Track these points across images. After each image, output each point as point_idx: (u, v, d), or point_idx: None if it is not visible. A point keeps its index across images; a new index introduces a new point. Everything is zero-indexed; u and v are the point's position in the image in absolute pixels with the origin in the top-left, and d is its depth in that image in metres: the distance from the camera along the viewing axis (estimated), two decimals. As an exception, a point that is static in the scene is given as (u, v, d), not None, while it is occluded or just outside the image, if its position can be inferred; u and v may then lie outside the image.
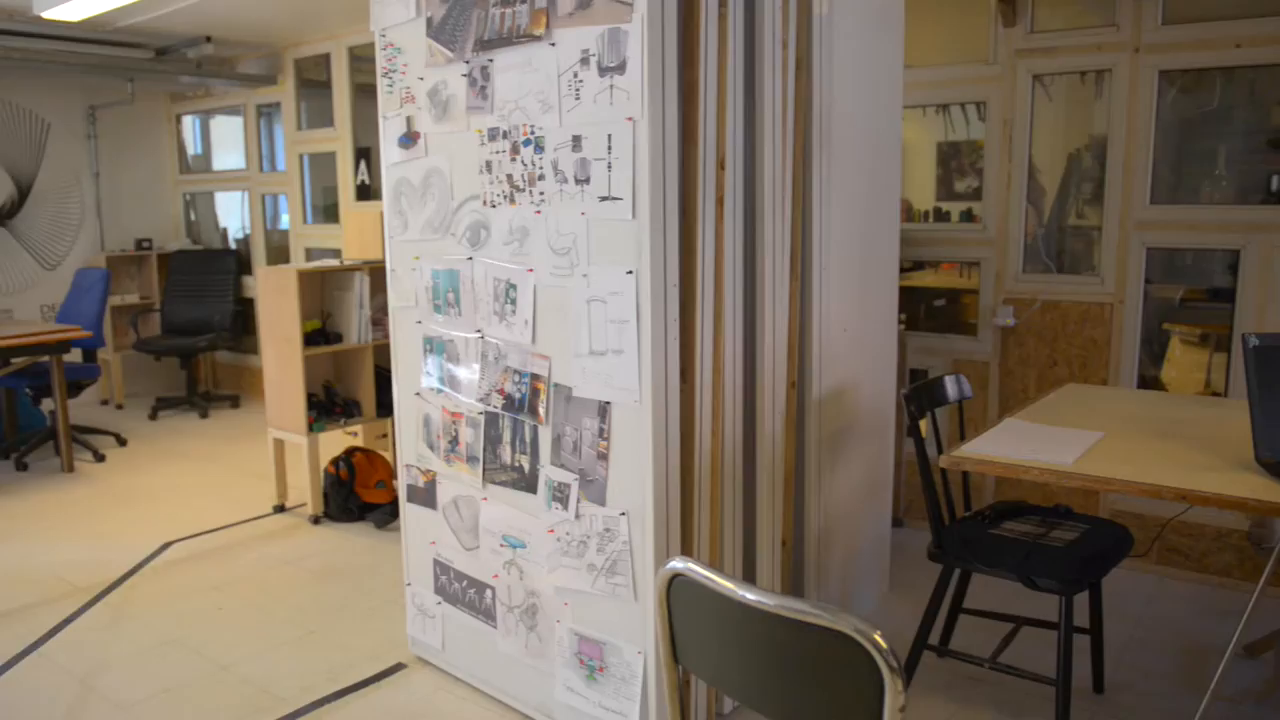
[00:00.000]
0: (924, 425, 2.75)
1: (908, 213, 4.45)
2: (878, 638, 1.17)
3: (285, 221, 6.73)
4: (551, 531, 2.47)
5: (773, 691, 1.29)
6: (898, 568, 3.57)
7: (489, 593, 2.70)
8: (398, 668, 2.97)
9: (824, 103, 2.74)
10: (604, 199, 2.21)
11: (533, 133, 2.36)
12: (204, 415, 6.57)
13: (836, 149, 2.81)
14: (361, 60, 5.92)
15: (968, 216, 4.05)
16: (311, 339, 4.33)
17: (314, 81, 6.34)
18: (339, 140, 6.02)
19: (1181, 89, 4.03)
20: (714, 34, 2.29)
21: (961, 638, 2.95)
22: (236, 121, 6.98)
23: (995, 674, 2.80)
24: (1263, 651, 2.97)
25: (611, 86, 2.18)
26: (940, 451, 2.48)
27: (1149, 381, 3.99)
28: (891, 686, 1.15)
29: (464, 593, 2.79)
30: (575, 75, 2.24)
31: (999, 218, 3.84)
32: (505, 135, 2.43)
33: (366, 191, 5.96)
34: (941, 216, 4.20)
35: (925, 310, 4.31)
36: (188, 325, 6.82)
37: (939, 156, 4.56)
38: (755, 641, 1.29)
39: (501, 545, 2.63)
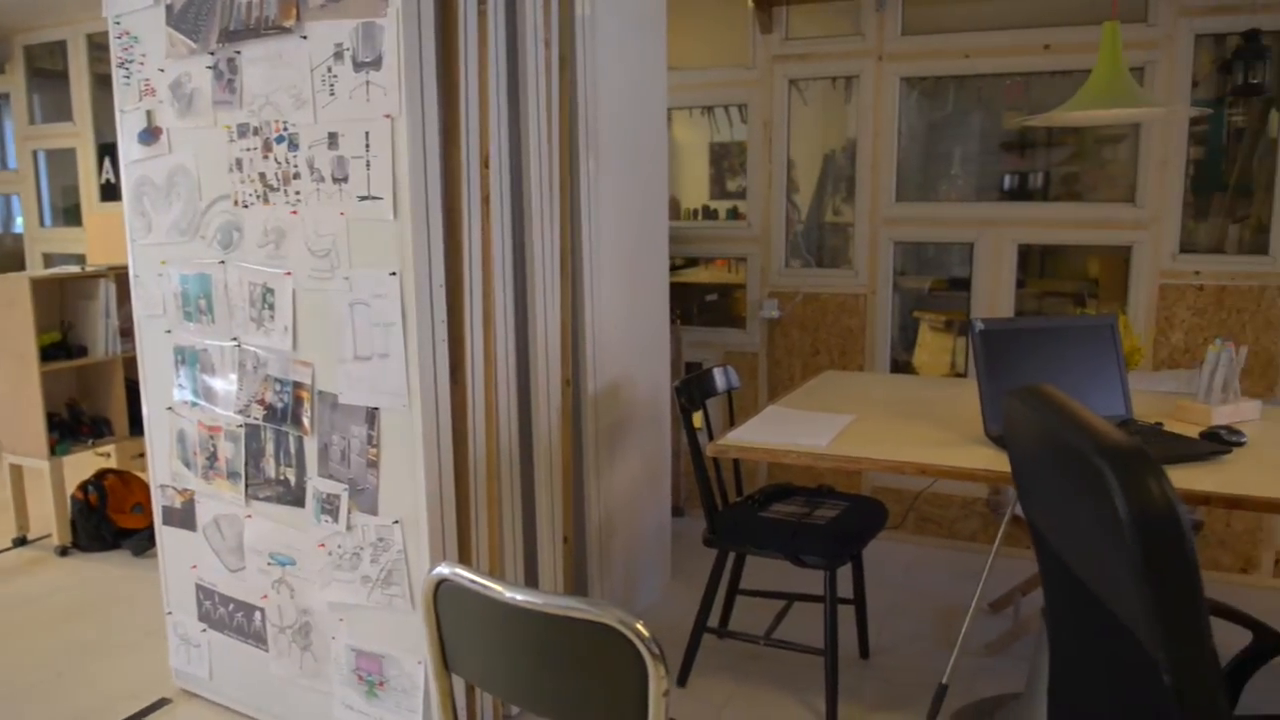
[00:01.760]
0: (698, 416, 2.84)
1: (679, 210, 4.58)
2: (639, 627, 1.19)
3: (20, 225, 6.12)
4: (322, 545, 2.37)
5: (542, 689, 1.29)
6: (680, 556, 3.67)
7: (258, 615, 2.56)
8: (161, 704, 2.77)
9: (589, 102, 2.77)
10: (364, 198, 2.14)
11: (286, 129, 2.25)
12: (-74, 443, 5.87)
13: (604, 148, 2.85)
14: (103, 49, 5.46)
15: (734, 214, 4.22)
16: (50, 353, 3.95)
17: (49, 71, 5.79)
18: (79, 136, 5.54)
19: (922, 93, 4.36)
20: (474, 31, 2.27)
21: (740, 618, 3.07)
22: (-45, 115, 6.28)
23: (771, 649, 2.93)
24: (1004, 607, 3.26)
25: (368, 82, 2.11)
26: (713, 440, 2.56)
27: (903, 366, 4.30)
28: (654, 673, 1.17)
29: (231, 617, 2.63)
30: (329, 70, 2.16)
31: (762, 215, 4.02)
32: (256, 132, 2.31)
33: (113, 191, 5.51)
34: (710, 214, 4.35)
35: (698, 305, 4.45)
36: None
37: (711, 156, 4.72)
38: (523, 641, 1.29)
39: (269, 564, 2.50)
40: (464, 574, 1.33)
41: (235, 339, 2.44)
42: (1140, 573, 1.03)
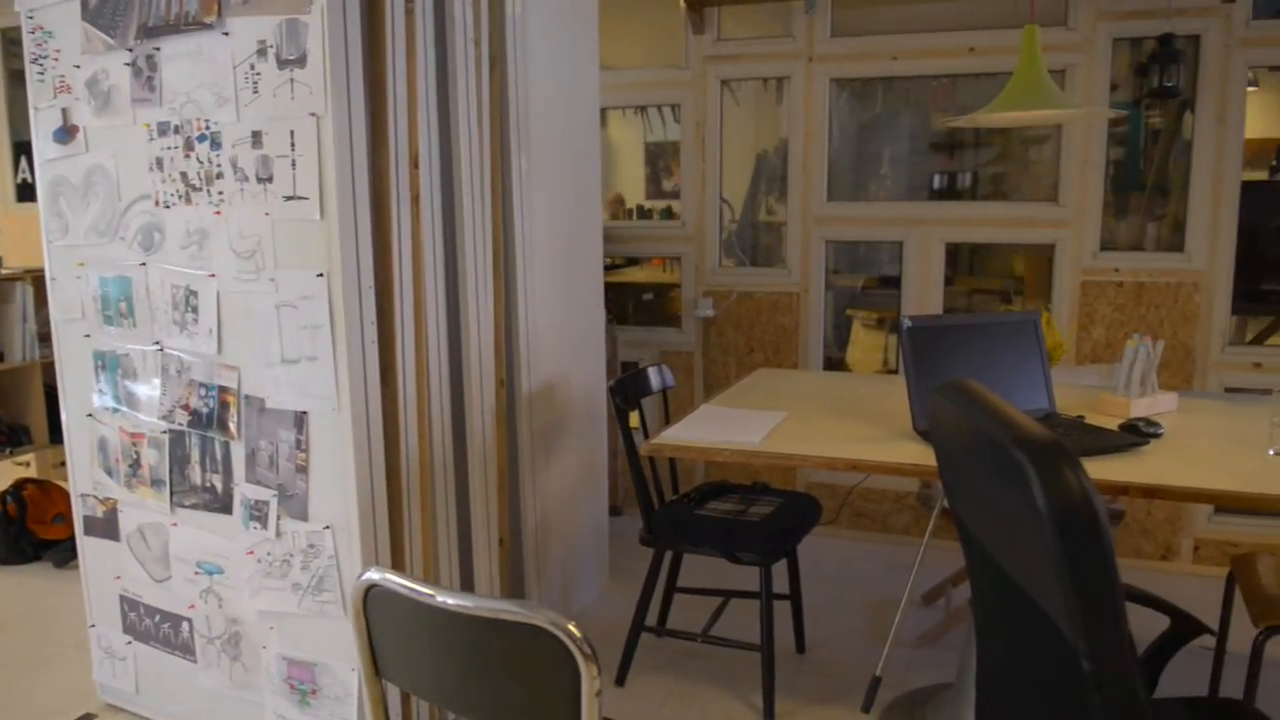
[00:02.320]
0: (634, 416, 2.84)
1: (621, 210, 4.58)
2: (571, 627, 1.19)
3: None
4: (251, 553, 2.32)
5: (475, 693, 1.28)
6: (618, 555, 3.67)
7: (185, 625, 2.50)
8: (85, 719, 2.69)
9: (521, 101, 2.75)
10: (289, 198, 2.10)
11: (208, 128, 2.20)
12: None
13: (536, 148, 2.84)
14: (17, 44, 5.27)
15: (669, 214, 4.24)
16: (-37, 360, 3.82)
17: (-42, 67, 5.59)
18: (-8, 134, 5.35)
19: (852, 94, 4.42)
20: (401, 29, 2.24)
21: (678, 616, 3.08)
22: None
23: (709, 647, 2.94)
24: (936, 599, 3.32)
25: (292, 80, 2.07)
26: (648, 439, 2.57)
27: (836, 363, 4.36)
28: (586, 673, 1.17)
29: (157, 628, 2.56)
30: (252, 67, 2.12)
31: (696, 215, 4.04)
32: (178, 130, 2.25)
33: (29, 191, 5.33)
34: (644, 214, 4.36)
35: (634, 305, 4.46)
36: None
37: (647, 156, 4.73)
38: (455, 645, 1.28)
39: (196, 573, 2.44)
40: (394, 579, 1.32)
41: (158, 343, 2.38)
42: (1058, 562, 1.05)
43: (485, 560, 2.70)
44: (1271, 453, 2.17)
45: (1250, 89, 3.51)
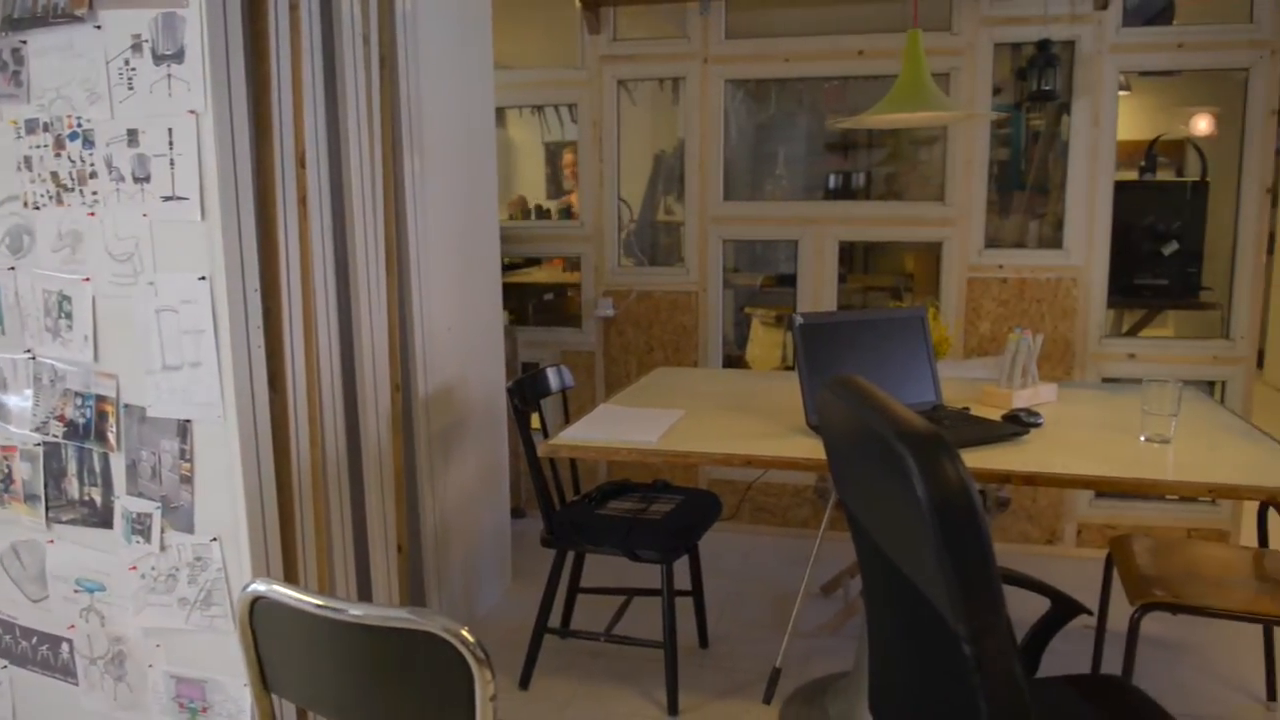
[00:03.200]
0: (535, 417, 2.83)
1: (523, 210, 4.56)
2: (464, 633, 1.17)
3: None
4: (134, 568, 2.23)
5: (369, 705, 1.26)
6: (521, 558, 3.64)
7: (65, 646, 2.39)
8: (-46, 749, 2.55)
9: (413, 100, 2.71)
10: (168, 199, 2.03)
11: (80, 125, 2.11)
12: None
13: (429, 147, 2.80)
14: None
15: (567, 214, 4.23)
16: None
17: None
18: None
19: (748, 95, 4.49)
20: (285, 25, 2.18)
21: (582, 616, 3.07)
22: None
23: (613, 645, 2.95)
24: (835, 589, 3.40)
25: (169, 76, 2.00)
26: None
27: (736, 361, 4.41)
28: (480, 678, 1.16)
29: (34, 651, 2.44)
30: (127, 62, 2.03)
31: (595, 214, 4.04)
32: (47, 127, 2.15)
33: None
34: (543, 214, 4.34)
35: (535, 305, 4.44)
36: None
37: (546, 156, 4.72)
38: (346, 656, 1.25)
39: (76, 591, 2.33)
40: (281, 590, 1.29)
41: (29, 351, 2.27)
42: (938, 550, 1.09)
43: (383, 567, 2.65)
44: (1143, 439, 2.28)
45: (1122, 93, 3.68)
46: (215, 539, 2.13)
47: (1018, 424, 2.34)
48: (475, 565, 3.21)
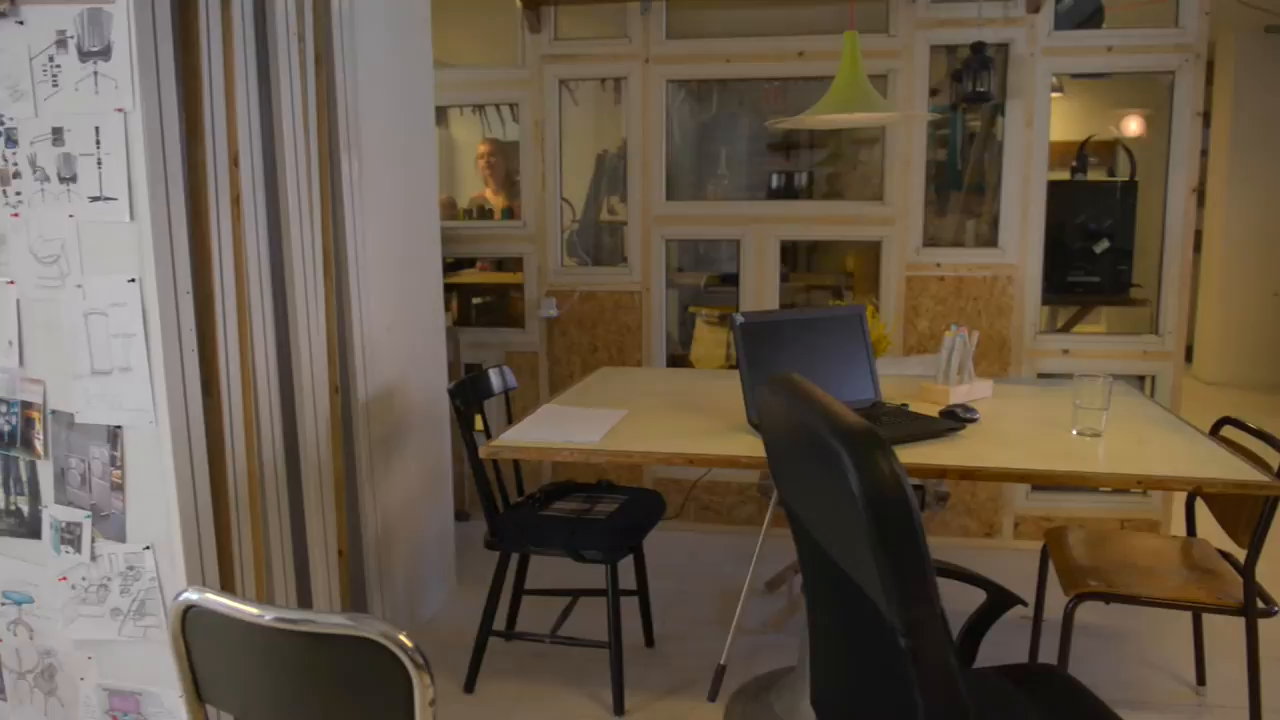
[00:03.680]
0: (479, 418, 2.80)
1: (450, 211, 4.52)
2: (402, 638, 1.16)
3: None
4: (64, 579, 2.17)
5: (306, 713, 1.24)
6: (466, 561, 3.62)
7: (-9, 660, 2.32)
8: (-126, 770, 2.46)
9: (349, 99, 2.67)
10: (95, 199, 1.98)
11: (2, 123, 2.05)
12: None
13: (367, 146, 2.77)
14: None
15: (510, 214, 4.21)
16: None
17: None
18: None
19: (689, 95, 4.51)
20: (216, 22, 2.14)
21: (527, 618, 3.06)
22: None
23: (558, 647, 2.94)
24: (779, 585, 3.42)
25: (96, 73, 1.95)
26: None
27: (680, 360, 4.43)
28: (419, 683, 1.15)
29: (-42, 665, 2.37)
30: (51, 59, 1.98)
31: (537, 214, 4.02)
32: (-33, 127, 2.08)
33: None
34: (486, 214, 4.31)
35: (478, 306, 4.41)
36: None
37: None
38: (282, 664, 1.23)
39: (3, 604, 2.27)
40: (214, 598, 1.26)
41: (-51, 357, 2.19)
42: (873, 544, 1.10)
43: (323, 573, 2.61)
44: (1075, 433, 2.33)
45: (1055, 95, 3.76)
46: (148, 547, 2.08)
47: (954, 420, 2.38)
48: (419, 569, 3.18)
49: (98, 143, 1.96)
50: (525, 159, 4.01)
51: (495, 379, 2.89)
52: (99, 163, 1.97)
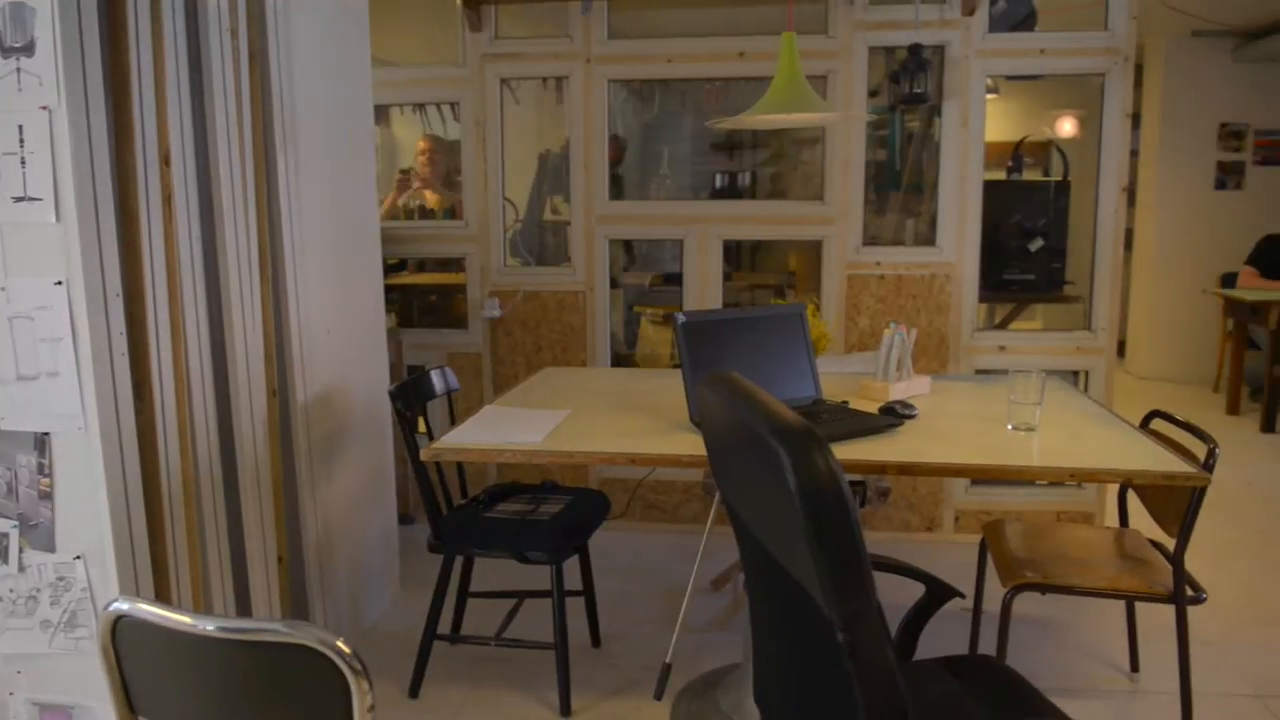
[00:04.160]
0: (421, 421, 2.78)
1: (402, 210, 4.47)
2: (340, 644, 1.15)
3: None
4: (-11, 590, 2.11)
5: (242, 722, 1.22)
6: (411, 564, 3.58)
7: (-87, 676, 2.24)
8: None
9: (285, 96, 2.63)
10: (19, 200, 1.92)
11: (-81, 122, 1.98)
12: None
13: (304, 144, 2.72)
14: None
15: (451, 213, 4.17)
16: None
17: None
18: None
19: (632, 95, 4.51)
20: (145, 17, 2.09)
21: (473, 621, 3.04)
22: None
23: (504, 649, 2.92)
24: (725, 584, 3.44)
25: (19, 70, 1.89)
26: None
27: (626, 360, 4.43)
28: (357, 689, 1.14)
29: (-122, 683, 2.28)
30: (-30, 56, 1.92)
31: (479, 214, 4.00)
32: (-119, 124, 2.01)
33: None
34: (426, 214, 4.27)
35: (420, 307, 4.37)
36: None
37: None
38: (217, 674, 1.21)
39: (-76, 617, 2.19)
40: (145, 607, 1.23)
41: None
42: (810, 540, 1.11)
43: (263, 580, 2.57)
44: (1010, 428, 2.37)
45: (990, 95, 3.83)
46: (79, 557, 2.03)
47: (893, 416, 2.41)
48: (361, 574, 3.14)
49: (21, 141, 1.91)
50: (467, 158, 3.98)
51: (437, 380, 2.87)
52: (23, 162, 1.91)
